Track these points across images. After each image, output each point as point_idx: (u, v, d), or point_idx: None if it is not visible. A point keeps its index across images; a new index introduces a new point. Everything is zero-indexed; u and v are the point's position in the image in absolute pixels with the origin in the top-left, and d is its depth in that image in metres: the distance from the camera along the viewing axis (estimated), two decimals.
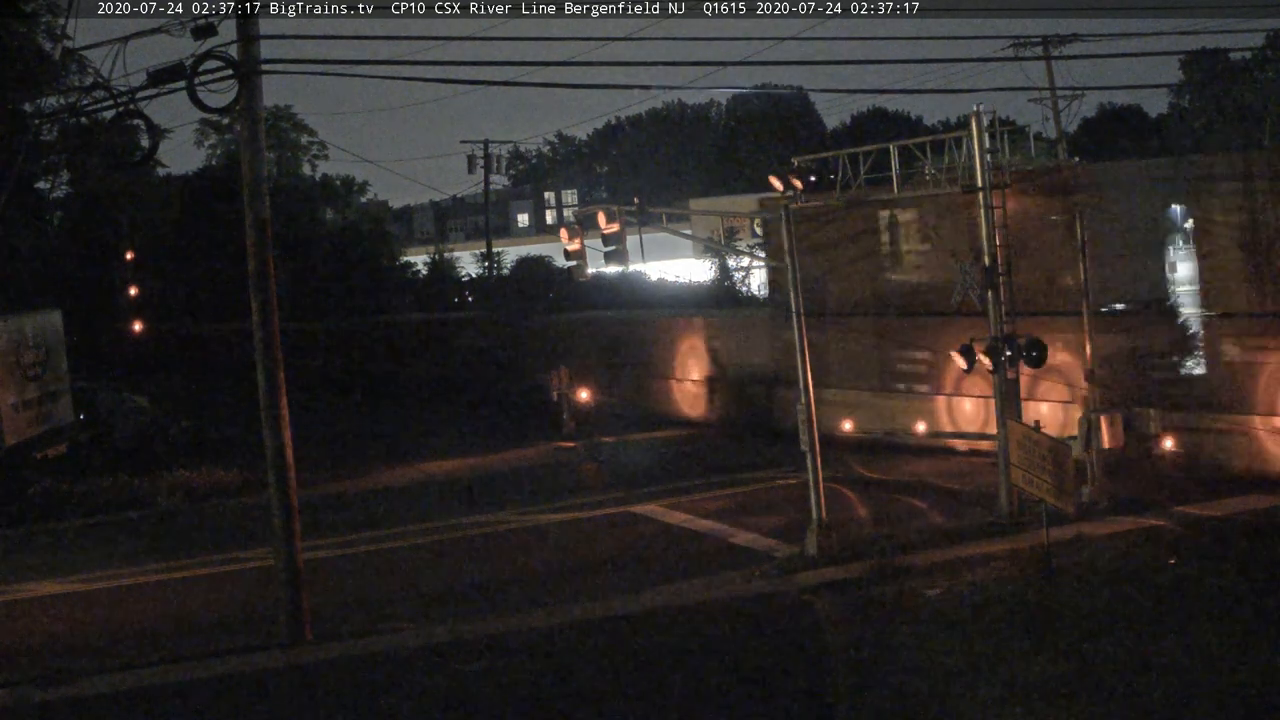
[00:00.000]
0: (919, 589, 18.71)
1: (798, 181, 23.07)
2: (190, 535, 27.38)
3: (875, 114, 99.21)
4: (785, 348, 28.66)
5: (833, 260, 32.21)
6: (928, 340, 29.87)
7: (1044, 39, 49.36)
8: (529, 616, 19.16)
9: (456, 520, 26.62)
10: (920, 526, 22.25)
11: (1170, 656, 14.95)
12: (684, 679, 15.93)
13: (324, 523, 25.92)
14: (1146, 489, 23.54)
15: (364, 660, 17.55)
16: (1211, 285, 25.02)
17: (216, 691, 16.72)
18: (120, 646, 18.98)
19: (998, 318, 22.70)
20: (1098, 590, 17.82)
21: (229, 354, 59.92)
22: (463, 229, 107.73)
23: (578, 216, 27.50)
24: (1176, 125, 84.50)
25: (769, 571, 20.78)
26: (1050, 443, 19.34)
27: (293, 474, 18.78)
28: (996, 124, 23.17)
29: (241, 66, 17.81)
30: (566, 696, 15.63)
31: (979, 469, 26.44)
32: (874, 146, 25.30)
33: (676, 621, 18.42)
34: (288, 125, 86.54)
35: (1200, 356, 25.29)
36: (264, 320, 18.63)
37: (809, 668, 16.15)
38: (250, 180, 18.55)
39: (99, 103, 19.89)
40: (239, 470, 32.18)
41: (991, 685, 14.57)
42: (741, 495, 27.14)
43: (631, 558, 22.62)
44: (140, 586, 23.09)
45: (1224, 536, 20.27)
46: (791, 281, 22.02)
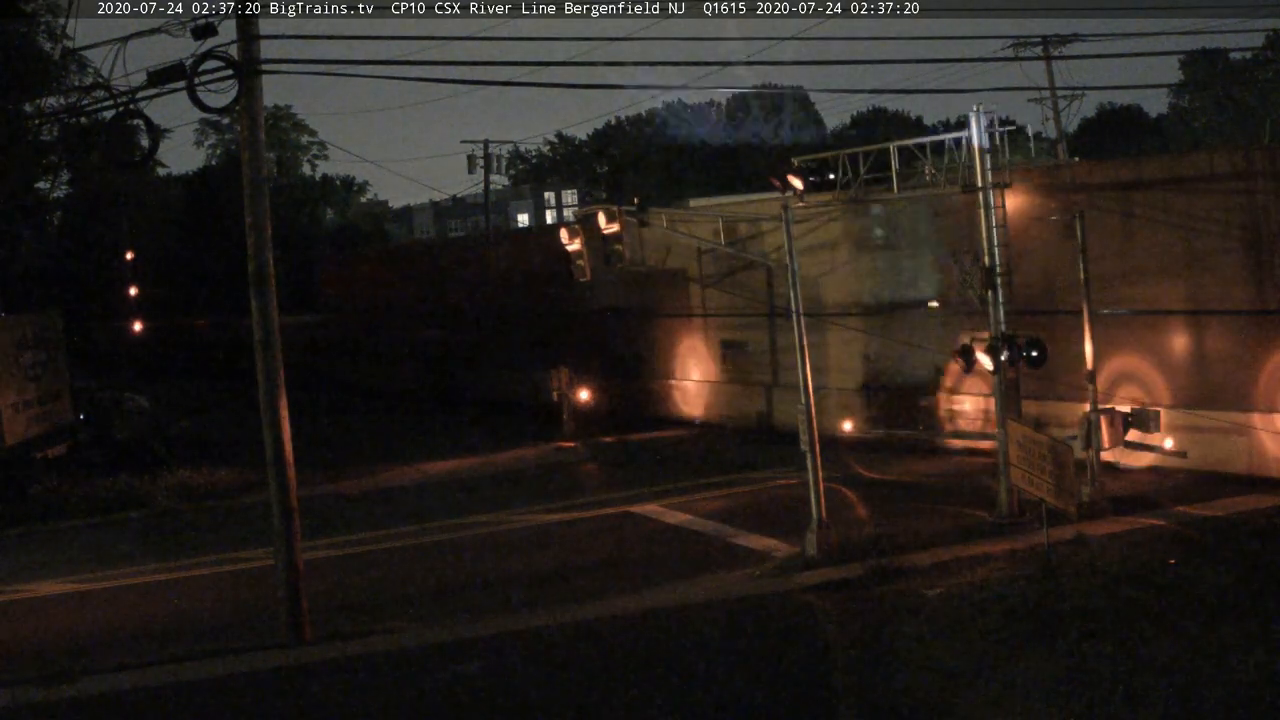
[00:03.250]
0: (919, 589, 18.71)
1: (798, 181, 23.10)
2: (190, 535, 27.38)
3: (875, 114, 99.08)
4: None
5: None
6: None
7: (1044, 39, 49.39)
8: (529, 616, 19.17)
9: (456, 520, 26.62)
10: (920, 526, 22.24)
11: (1170, 656, 14.95)
12: (684, 679, 15.92)
13: (324, 523, 25.92)
14: (1146, 489, 23.55)
15: (364, 660, 17.55)
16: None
17: (216, 691, 16.72)
18: (120, 646, 18.98)
19: (997, 317, 22.71)
20: (1098, 590, 17.81)
21: (229, 354, 59.90)
22: (463, 229, 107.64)
23: (578, 216, 27.51)
24: (1176, 125, 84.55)
25: (769, 571, 20.79)
26: (1050, 443, 19.34)
27: (293, 474, 18.78)
28: (996, 124, 23.16)
29: (241, 66, 17.81)
30: (566, 696, 15.64)
31: (979, 469, 26.44)
32: (874, 146, 25.30)
33: (676, 621, 18.42)
34: (288, 125, 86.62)
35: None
36: (264, 320, 18.63)
37: (809, 668, 16.15)
38: (250, 180, 18.54)
39: (99, 103, 19.93)
40: (239, 470, 32.20)
41: (991, 685, 14.57)
42: (741, 495, 27.13)
43: (631, 557, 22.61)
44: (140, 586, 23.09)
45: (1224, 536, 20.28)
46: (791, 282, 22.02)
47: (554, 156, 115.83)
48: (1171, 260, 25.68)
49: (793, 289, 21.97)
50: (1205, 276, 25.21)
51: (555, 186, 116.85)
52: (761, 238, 32.03)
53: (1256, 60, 75.60)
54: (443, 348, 50.16)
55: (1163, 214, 25.74)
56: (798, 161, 25.18)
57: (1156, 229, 25.85)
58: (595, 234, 24.12)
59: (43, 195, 47.91)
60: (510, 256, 48.46)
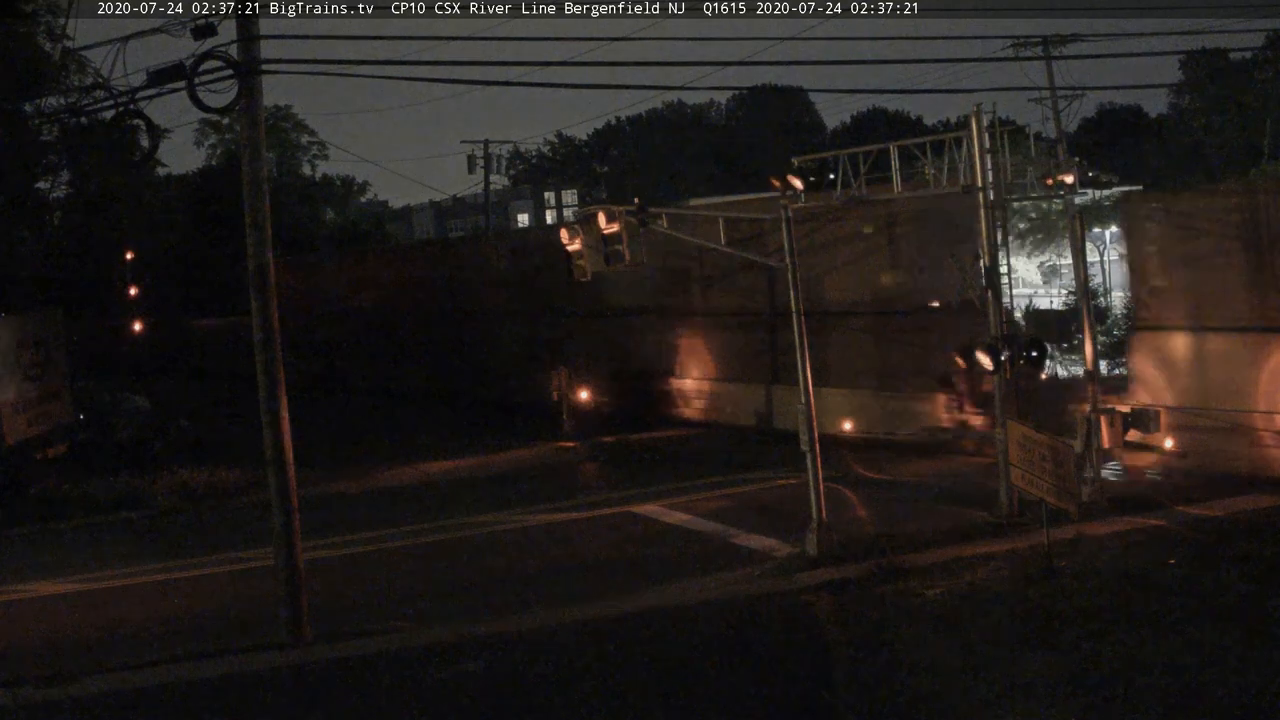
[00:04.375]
0: (919, 589, 18.72)
1: (798, 181, 23.08)
2: (190, 535, 27.37)
3: (875, 114, 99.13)
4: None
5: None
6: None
7: (1044, 39, 49.39)
8: (529, 616, 19.18)
9: (456, 520, 26.62)
10: (920, 526, 22.24)
11: (1170, 656, 14.95)
12: (684, 679, 15.93)
13: (324, 523, 25.90)
14: (1146, 489, 23.55)
15: (364, 660, 17.55)
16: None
17: (216, 691, 16.72)
18: (120, 646, 18.97)
19: (997, 317, 22.72)
20: (1098, 590, 17.82)
21: (229, 354, 59.92)
22: (463, 229, 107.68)
23: (578, 216, 27.47)
24: (1176, 125, 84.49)
25: (769, 571, 20.79)
26: (1050, 442, 19.34)
27: (293, 474, 18.77)
28: (997, 124, 23.17)
29: (242, 66, 17.79)
30: (566, 696, 15.63)
31: (979, 469, 26.44)
32: (874, 147, 25.28)
33: (676, 621, 18.43)
34: (288, 125, 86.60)
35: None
36: (264, 320, 18.62)
37: (809, 668, 16.16)
38: (250, 180, 18.54)
39: (99, 103, 19.95)
40: (239, 470, 32.16)
41: (991, 685, 14.57)
42: (741, 495, 27.13)
43: (632, 557, 22.61)
44: (140, 586, 23.07)
45: (1224, 536, 20.29)
46: (791, 282, 22.01)
47: (554, 156, 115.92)
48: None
49: (793, 289, 21.98)
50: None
51: (555, 186, 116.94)
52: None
53: (1256, 60, 75.52)
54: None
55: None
56: (797, 161, 25.17)
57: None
58: (595, 234, 24.11)
59: (43, 195, 47.87)
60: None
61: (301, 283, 58.82)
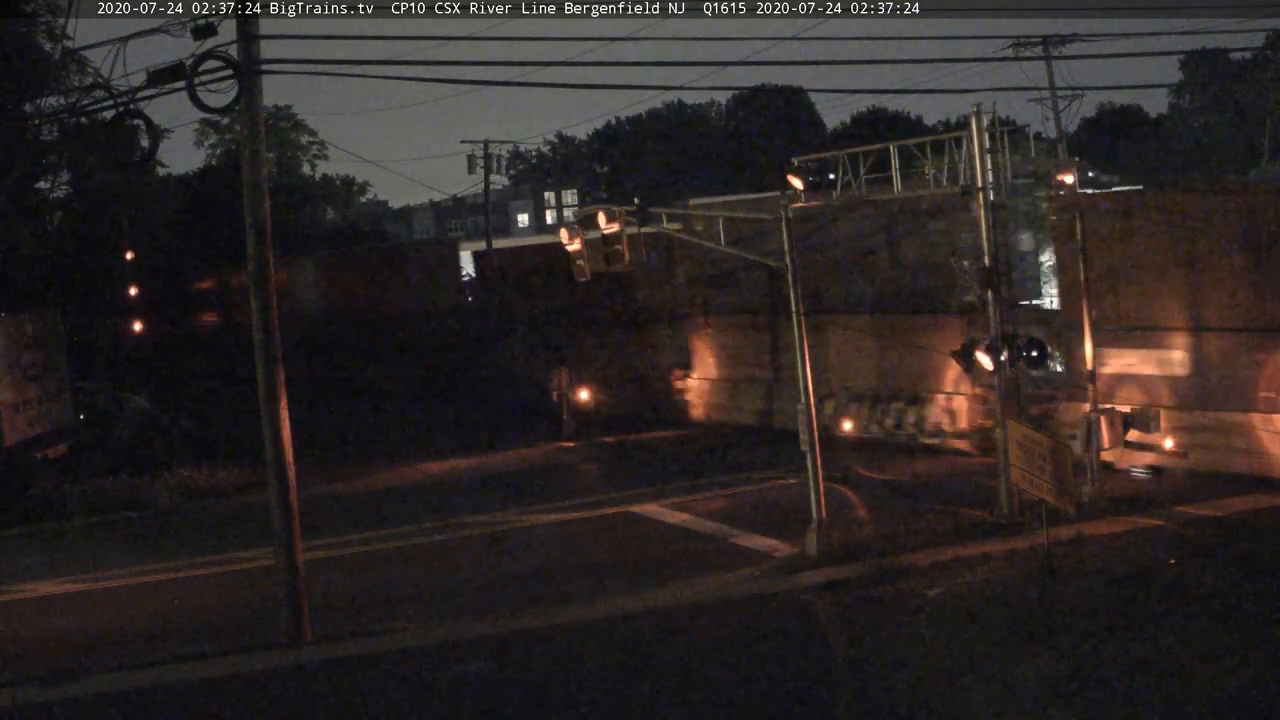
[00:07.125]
0: (919, 589, 18.72)
1: (798, 181, 23.08)
2: (190, 535, 27.36)
3: (875, 114, 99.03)
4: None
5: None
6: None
7: (1044, 39, 49.34)
8: (529, 616, 19.17)
9: (456, 520, 26.61)
10: (920, 526, 22.24)
11: (1170, 656, 14.96)
12: (684, 679, 15.94)
13: (324, 523, 25.89)
14: (1146, 489, 23.56)
15: (364, 660, 17.55)
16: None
17: (216, 691, 16.72)
18: (120, 646, 18.98)
19: (997, 317, 22.71)
20: (1098, 590, 17.83)
21: (229, 354, 59.93)
22: (462, 229, 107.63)
23: (578, 216, 27.48)
24: (1176, 125, 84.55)
25: (769, 571, 20.80)
26: (1050, 443, 19.34)
27: (293, 474, 18.77)
28: (996, 124, 23.16)
29: (241, 66, 17.80)
30: (566, 696, 15.63)
31: (979, 469, 26.44)
32: (874, 146, 25.28)
33: (676, 621, 18.43)
34: (288, 125, 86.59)
35: None
36: (264, 320, 18.62)
37: (809, 667, 16.16)
38: (250, 180, 18.54)
39: (99, 103, 19.91)
40: (239, 470, 32.17)
41: (991, 685, 14.58)
42: (741, 495, 27.13)
43: (632, 557, 22.61)
44: (140, 586, 23.07)
45: (1224, 536, 20.29)
46: (791, 281, 22.00)
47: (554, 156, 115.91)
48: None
49: (793, 289, 21.97)
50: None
51: (555, 186, 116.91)
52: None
53: (1256, 60, 75.59)
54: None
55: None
56: (797, 161, 25.17)
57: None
58: (595, 234, 24.12)
59: (43, 195, 47.86)
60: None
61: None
